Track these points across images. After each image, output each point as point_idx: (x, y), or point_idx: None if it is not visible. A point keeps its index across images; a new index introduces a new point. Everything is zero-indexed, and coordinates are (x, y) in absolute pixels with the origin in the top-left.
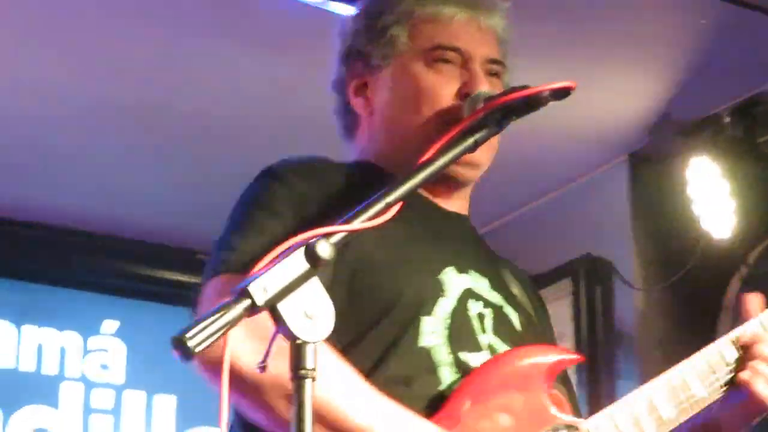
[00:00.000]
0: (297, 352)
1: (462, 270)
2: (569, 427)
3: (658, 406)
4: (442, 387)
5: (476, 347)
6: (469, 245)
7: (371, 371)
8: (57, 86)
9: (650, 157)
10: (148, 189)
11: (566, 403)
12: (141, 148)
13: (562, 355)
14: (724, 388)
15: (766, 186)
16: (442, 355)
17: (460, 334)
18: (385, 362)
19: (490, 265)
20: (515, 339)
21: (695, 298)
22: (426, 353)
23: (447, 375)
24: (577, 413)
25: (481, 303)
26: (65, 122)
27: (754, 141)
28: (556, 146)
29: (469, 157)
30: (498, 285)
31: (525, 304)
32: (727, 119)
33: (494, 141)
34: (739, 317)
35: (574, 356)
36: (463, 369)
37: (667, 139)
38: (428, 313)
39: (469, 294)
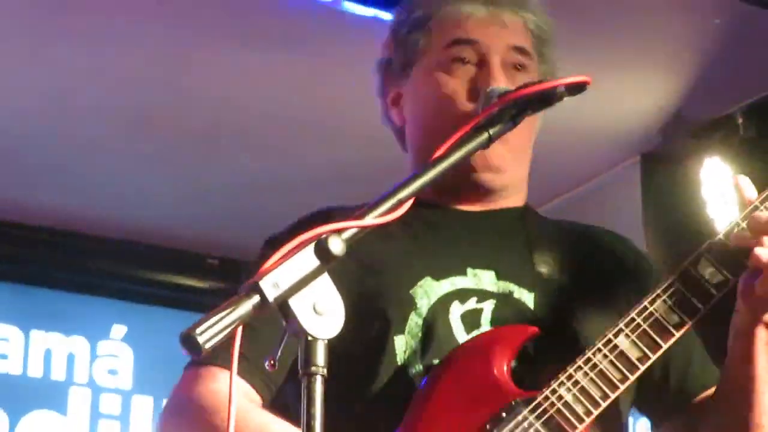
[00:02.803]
0: (307, 348)
1: (443, 275)
2: (527, 400)
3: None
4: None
5: None
6: (488, 239)
7: (358, 393)
8: (67, 90)
9: (663, 158)
10: (158, 193)
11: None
12: (150, 152)
13: (515, 332)
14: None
15: None
16: (417, 368)
17: (434, 342)
18: (367, 385)
19: (514, 253)
20: (525, 321)
21: None
22: (402, 370)
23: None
24: None
25: (474, 299)
26: (74, 125)
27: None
28: (567, 147)
29: (487, 161)
30: (513, 272)
31: (562, 279)
32: (740, 120)
33: (521, 143)
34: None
35: (529, 330)
36: None
37: (679, 140)
38: (400, 331)
39: (452, 296)
